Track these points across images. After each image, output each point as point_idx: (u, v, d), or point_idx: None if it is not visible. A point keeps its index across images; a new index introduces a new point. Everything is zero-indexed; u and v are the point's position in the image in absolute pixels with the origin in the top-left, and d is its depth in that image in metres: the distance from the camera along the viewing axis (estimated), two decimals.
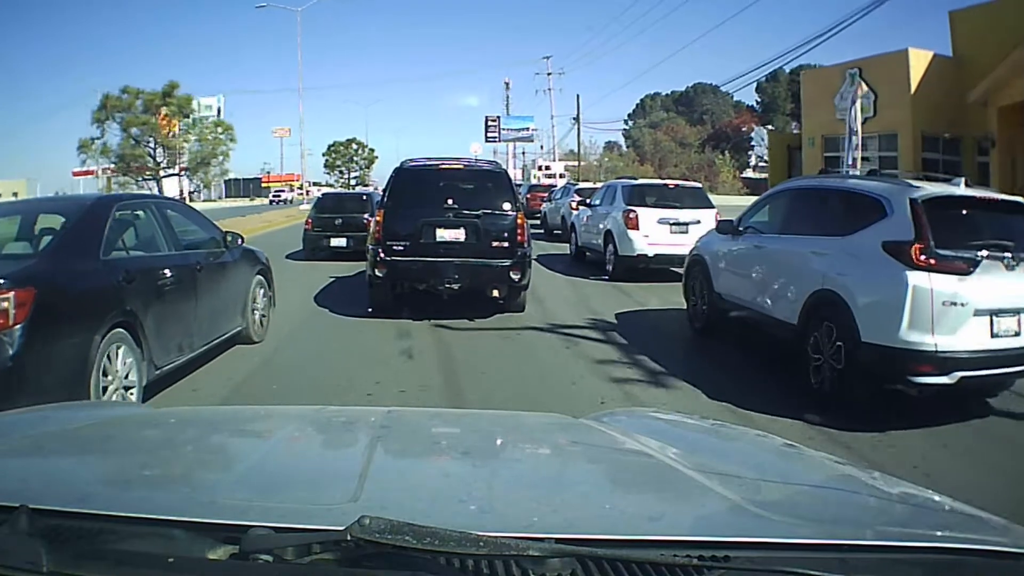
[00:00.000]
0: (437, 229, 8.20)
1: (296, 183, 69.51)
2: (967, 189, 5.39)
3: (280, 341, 7.31)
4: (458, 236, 8.20)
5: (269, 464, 1.47)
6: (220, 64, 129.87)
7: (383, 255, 8.18)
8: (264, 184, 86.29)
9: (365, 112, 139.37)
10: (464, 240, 8.17)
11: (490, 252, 8.17)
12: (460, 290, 8.25)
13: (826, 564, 0.94)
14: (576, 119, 50.45)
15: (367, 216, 14.07)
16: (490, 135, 62.90)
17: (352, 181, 74.43)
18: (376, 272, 8.25)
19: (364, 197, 16.72)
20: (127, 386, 4.62)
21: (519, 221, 8.31)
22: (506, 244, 8.19)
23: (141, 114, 39.61)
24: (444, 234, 8.20)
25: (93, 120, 39.43)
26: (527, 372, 6.35)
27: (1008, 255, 4.80)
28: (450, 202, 8.20)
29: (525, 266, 8.30)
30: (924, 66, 22.53)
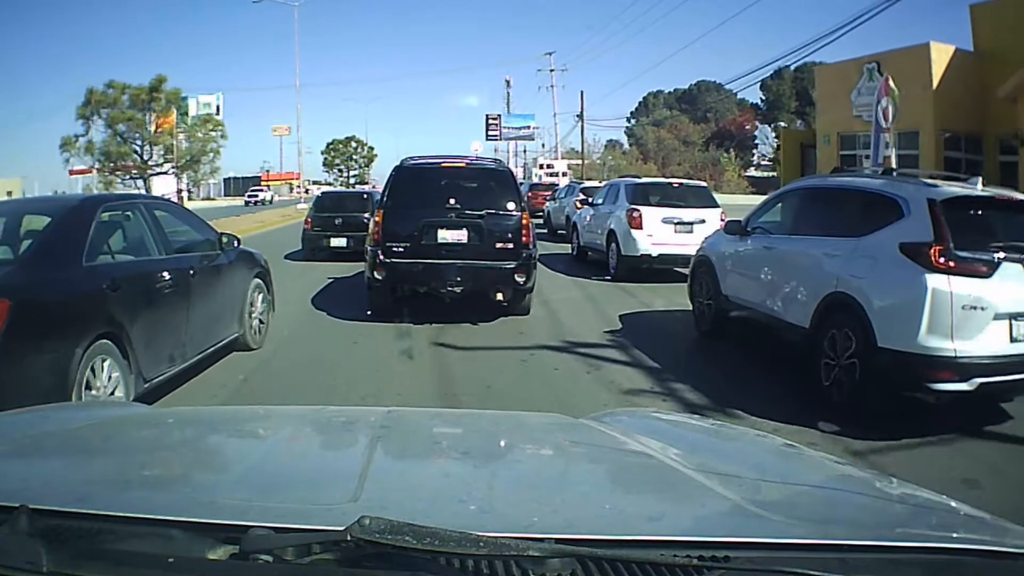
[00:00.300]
0: (439, 230, 7.92)
1: (295, 181, 69.41)
2: (984, 189, 5.27)
3: (277, 346, 7.07)
4: (460, 237, 7.92)
5: (269, 464, 1.48)
6: (219, 62, 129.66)
7: (382, 257, 7.90)
8: (264, 183, 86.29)
9: (365, 110, 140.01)
10: (467, 241, 7.90)
11: (494, 254, 7.90)
12: (462, 293, 7.99)
13: (826, 564, 0.95)
14: (580, 116, 49.96)
15: (368, 215, 13.67)
16: (491, 133, 62.88)
17: (351, 180, 74.28)
18: (375, 274, 7.98)
19: (365, 196, 16.43)
20: None
21: (524, 221, 8.03)
22: (510, 245, 7.93)
23: (127, 109, 37.77)
24: (446, 235, 7.92)
25: (77, 116, 37.84)
26: (532, 381, 6.11)
27: None
28: (452, 202, 7.94)
29: (530, 268, 8.04)
30: (946, 61, 21.52)
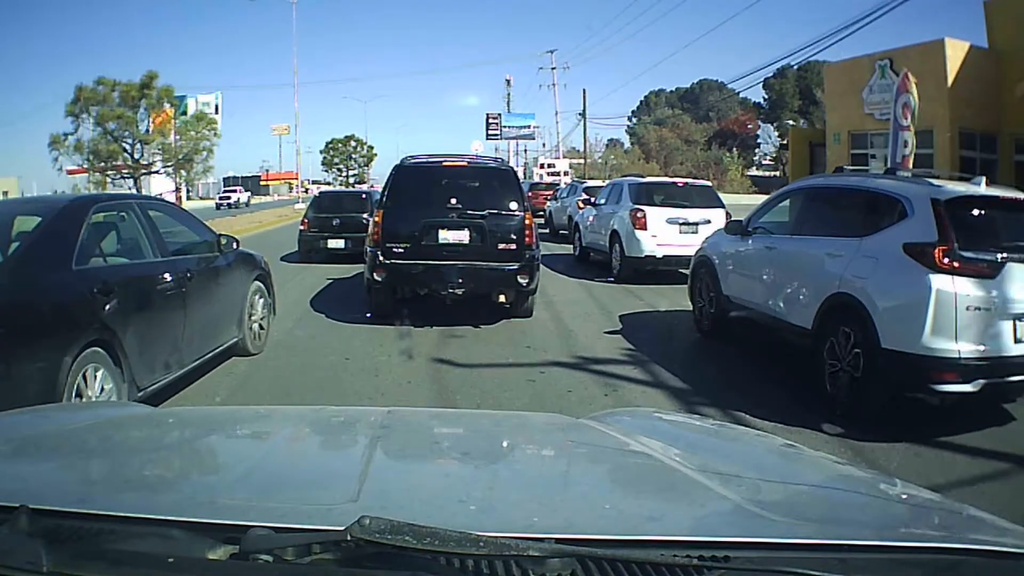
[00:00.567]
0: (440, 230, 7.75)
1: (294, 181, 69.35)
2: (989, 188, 5.24)
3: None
4: (462, 238, 7.75)
5: (269, 464, 1.48)
6: (218, 61, 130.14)
7: (382, 258, 7.72)
8: (263, 182, 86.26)
9: (365, 109, 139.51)
10: (468, 242, 7.74)
11: (496, 255, 7.73)
12: (464, 295, 7.85)
13: (826, 564, 0.95)
14: (582, 114, 49.71)
15: (367, 216, 13.38)
16: (491, 132, 62.88)
17: (351, 179, 74.06)
18: (375, 276, 7.82)
19: (364, 196, 16.08)
20: None
21: (527, 222, 7.86)
22: (513, 246, 7.77)
23: (117, 107, 36.36)
24: (447, 236, 7.75)
25: (67, 113, 36.31)
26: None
27: None
28: (453, 202, 7.76)
29: (533, 269, 7.87)
30: (961, 58, 20.82)
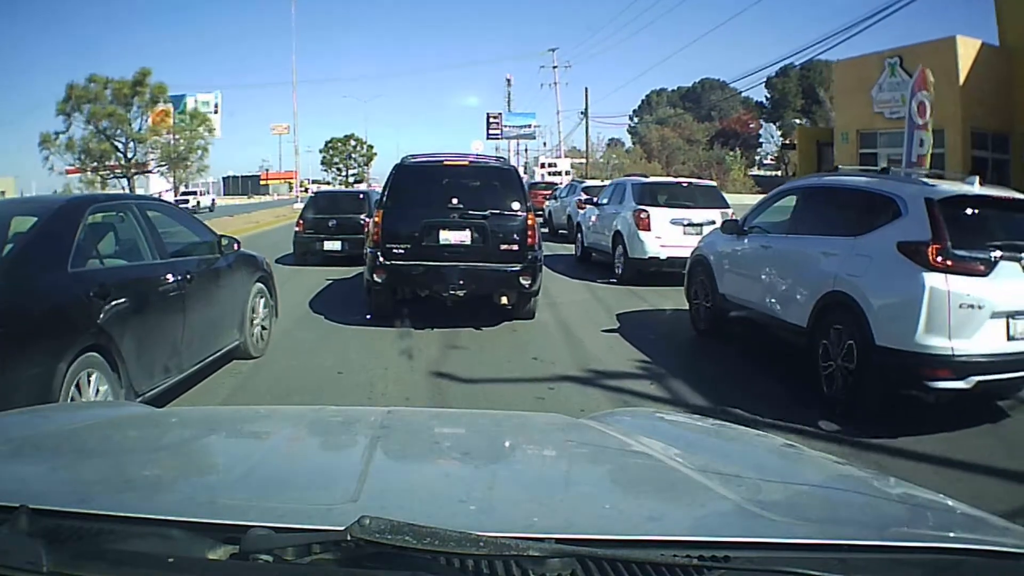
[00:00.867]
0: (440, 231, 7.64)
1: (293, 181, 69.07)
2: (982, 188, 5.29)
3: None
4: (463, 238, 7.65)
5: (269, 464, 1.48)
6: (218, 61, 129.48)
7: (382, 259, 7.60)
8: (263, 181, 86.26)
9: (364, 108, 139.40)
10: (470, 243, 7.63)
11: (498, 256, 7.61)
12: (465, 297, 7.74)
13: (826, 564, 0.95)
14: (584, 113, 49.39)
15: (364, 217, 13.27)
16: (492, 132, 62.84)
17: (350, 178, 73.78)
18: (375, 277, 7.71)
19: (361, 196, 15.57)
20: None
21: (529, 222, 7.76)
22: (515, 247, 7.65)
23: (110, 104, 35.77)
24: (448, 236, 7.65)
25: (58, 112, 35.78)
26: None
27: None
28: (455, 202, 7.65)
29: (536, 271, 7.74)
30: (973, 55, 20.19)
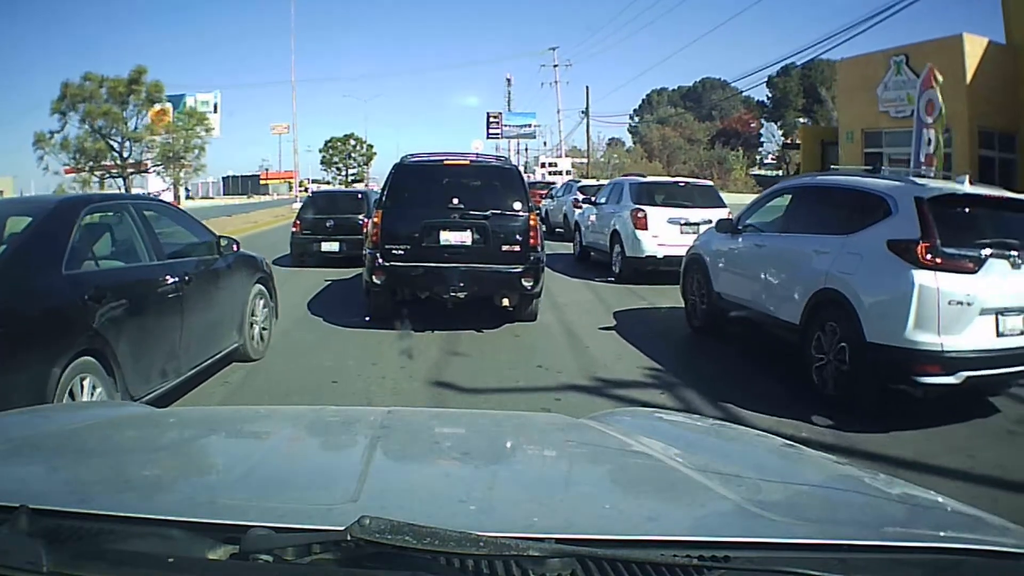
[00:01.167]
0: (441, 231, 7.52)
1: (292, 180, 68.89)
2: (971, 187, 5.39)
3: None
4: (464, 239, 7.53)
5: (269, 464, 1.48)
6: (218, 60, 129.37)
7: (381, 260, 7.48)
8: (262, 181, 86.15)
9: (364, 107, 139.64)
10: (471, 244, 7.52)
11: (499, 257, 7.49)
12: (466, 298, 7.61)
13: (826, 564, 0.95)
14: (585, 112, 49.32)
15: (363, 217, 13.15)
16: (492, 131, 62.86)
17: (350, 178, 73.57)
18: (374, 279, 7.58)
19: (359, 196, 15.33)
20: None
21: (531, 223, 7.63)
22: (517, 248, 7.52)
23: (105, 103, 34.98)
24: (449, 237, 7.53)
25: (52, 111, 34.83)
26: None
27: (1013, 253, 4.79)
28: (455, 202, 7.54)
29: (538, 272, 7.61)
30: (980, 54, 19.95)
